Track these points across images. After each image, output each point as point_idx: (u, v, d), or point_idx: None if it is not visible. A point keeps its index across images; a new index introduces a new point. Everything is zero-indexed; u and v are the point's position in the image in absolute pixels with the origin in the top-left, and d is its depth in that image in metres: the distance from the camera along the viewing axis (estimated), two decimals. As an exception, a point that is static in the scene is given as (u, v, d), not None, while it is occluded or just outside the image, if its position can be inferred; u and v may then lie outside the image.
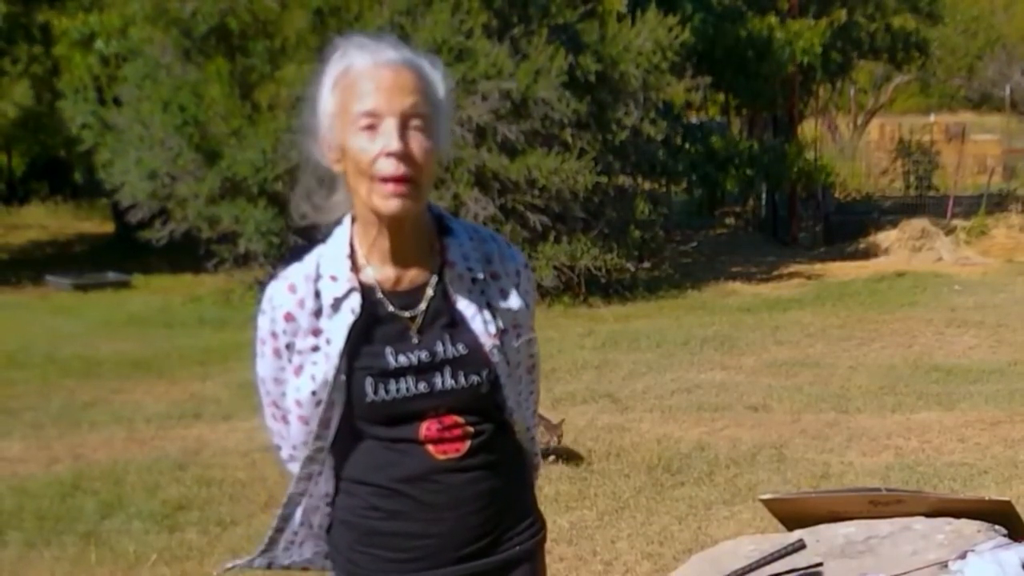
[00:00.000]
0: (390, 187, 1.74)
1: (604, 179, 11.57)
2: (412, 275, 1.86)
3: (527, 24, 11.37)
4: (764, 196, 18.20)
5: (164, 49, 12.06)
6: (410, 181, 1.74)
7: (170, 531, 5.07)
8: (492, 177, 10.98)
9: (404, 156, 1.73)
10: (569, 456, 5.87)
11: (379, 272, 1.85)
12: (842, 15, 17.29)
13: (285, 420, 1.94)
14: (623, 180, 12.52)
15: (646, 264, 12.35)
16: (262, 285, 11.45)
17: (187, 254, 12.66)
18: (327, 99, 1.79)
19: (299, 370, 1.86)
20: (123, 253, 15.17)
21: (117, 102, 12.91)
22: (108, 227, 18.75)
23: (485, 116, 10.63)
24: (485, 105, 10.60)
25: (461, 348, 1.86)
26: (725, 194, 18.78)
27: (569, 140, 11.29)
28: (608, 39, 11.80)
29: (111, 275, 14.15)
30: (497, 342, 1.88)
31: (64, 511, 5.35)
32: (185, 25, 11.89)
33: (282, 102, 11.37)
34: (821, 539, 3.01)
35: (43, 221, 20.99)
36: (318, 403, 1.85)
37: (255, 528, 4.99)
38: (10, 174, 23.51)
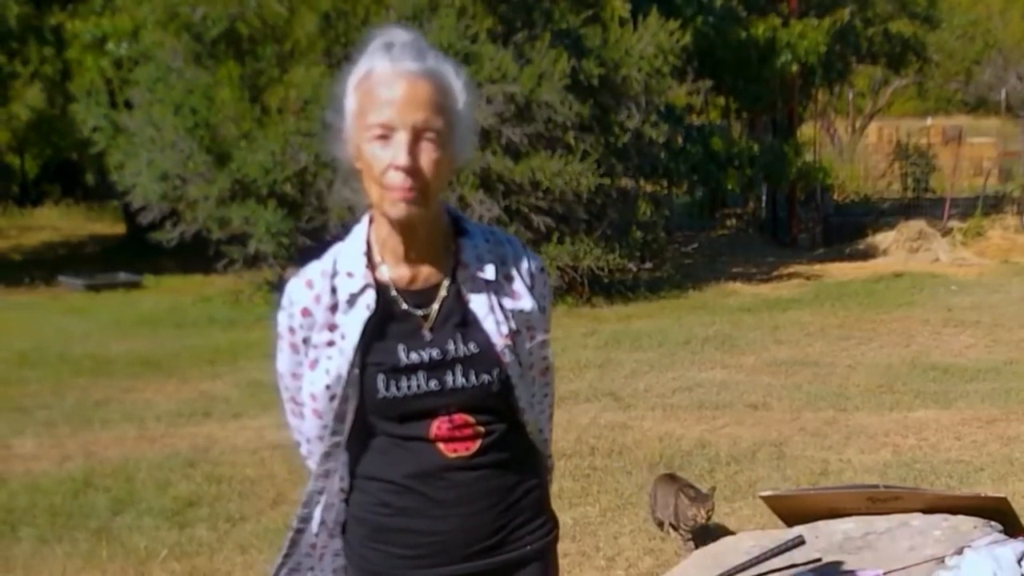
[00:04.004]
0: (397, 195, 1.77)
1: (607, 181, 11.58)
2: (426, 274, 1.89)
3: (531, 29, 11.38)
4: (764, 198, 18.23)
5: (175, 53, 12.08)
6: (417, 191, 1.77)
7: (180, 527, 5.11)
8: (497, 179, 11.00)
9: (412, 170, 1.76)
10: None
11: (393, 270, 1.88)
12: (844, 15, 17.31)
13: (303, 416, 1.96)
14: (625, 182, 12.57)
15: (648, 265, 12.37)
16: (271, 285, 11.51)
17: (197, 255, 12.66)
18: (350, 99, 1.83)
19: (314, 364, 1.89)
20: (134, 254, 15.17)
21: (128, 105, 12.95)
22: (119, 228, 18.74)
23: (490, 119, 10.66)
24: (490, 108, 10.63)
25: (472, 347, 1.87)
26: (726, 196, 18.81)
27: (572, 143, 11.31)
28: (610, 43, 11.82)
29: (122, 276, 14.19)
30: (509, 342, 1.89)
31: (76, 508, 5.40)
32: (196, 29, 11.92)
33: (291, 105, 11.45)
34: (820, 535, 3.06)
35: (55, 223, 20.98)
36: (332, 397, 1.87)
37: (264, 524, 5.07)
38: (23, 176, 23.46)
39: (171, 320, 11.35)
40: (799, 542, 2.89)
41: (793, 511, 3.30)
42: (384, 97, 1.77)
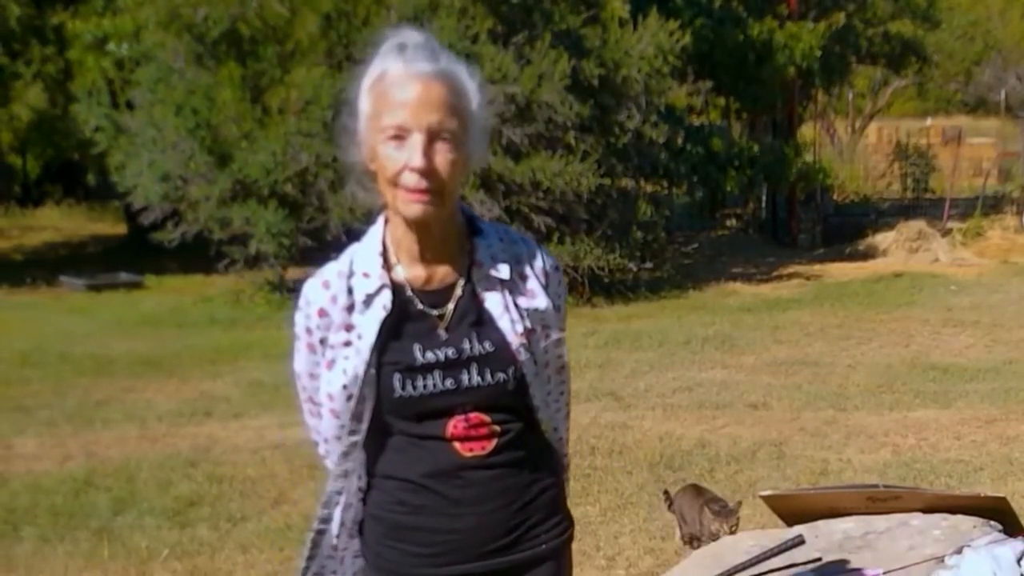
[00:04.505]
0: (413, 196, 1.78)
1: (607, 181, 11.60)
2: (441, 274, 1.90)
3: (531, 30, 11.38)
4: (764, 198, 18.26)
5: (176, 54, 12.12)
6: (432, 192, 1.78)
7: (181, 527, 5.12)
8: (497, 179, 11.02)
9: (427, 171, 1.76)
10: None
11: (409, 271, 1.89)
12: (840, 18, 17.34)
13: (321, 416, 1.96)
14: (625, 182, 12.61)
15: (648, 265, 12.38)
16: (272, 286, 11.44)
17: (198, 255, 12.69)
18: (364, 101, 1.83)
19: (331, 364, 1.90)
20: (135, 254, 15.18)
21: (130, 105, 12.96)
22: (121, 229, 18.78)
23: (490, 119, 10.68)
24: (490, 109, 10.63)
25: (488, 346, 1.88)
26: (726, 196, 18.84)
27: (572, 143, 11.33)
28: (610, 44, 11.84)
29: (124, 276, 14.20)
30: (524, 341, 1.90)
31: (77, 507, 5.41)
32: (197, 30, 11.94)
33: (292, 105, 11.47)
34: (820, 535, 3.05)
35: (57, 223, 20.99)
36: (349, 397, 1.88)
37: (265, 524, 5.09)
38: (25, 177, 23.47)
39: (172, 320, 11.38)
40: (799, 542, 2.89)
41: (793, 511, 3.30)
42: (398, 99, 1.78)
